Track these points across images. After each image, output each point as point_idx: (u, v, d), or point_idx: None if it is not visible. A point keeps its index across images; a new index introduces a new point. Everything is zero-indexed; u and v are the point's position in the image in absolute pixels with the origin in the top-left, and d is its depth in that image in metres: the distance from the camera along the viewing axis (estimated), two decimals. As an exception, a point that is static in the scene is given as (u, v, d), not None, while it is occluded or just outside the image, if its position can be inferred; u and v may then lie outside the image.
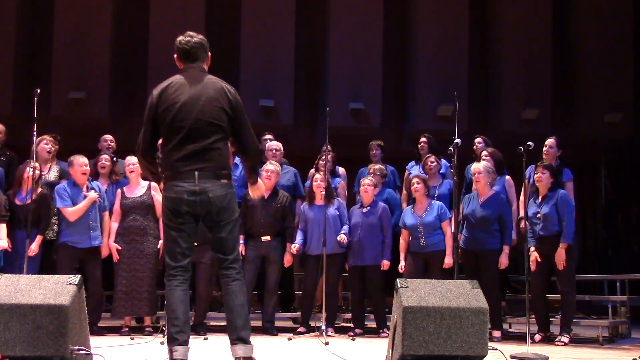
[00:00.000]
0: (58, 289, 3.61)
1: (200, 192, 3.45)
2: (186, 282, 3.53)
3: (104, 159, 6.66)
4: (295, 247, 6.41)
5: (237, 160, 6.33)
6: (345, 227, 6.41)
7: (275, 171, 6.49)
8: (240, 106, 3.62)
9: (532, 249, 5.81)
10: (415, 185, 6.34)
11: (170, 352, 3.41)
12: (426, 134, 7.38)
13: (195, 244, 3.71)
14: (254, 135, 3.68)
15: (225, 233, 3.55)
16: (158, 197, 6.23)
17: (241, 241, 6.08)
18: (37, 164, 5.92)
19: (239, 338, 3.47)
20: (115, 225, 6.23)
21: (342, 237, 6.33)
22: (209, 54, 3.72)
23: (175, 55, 3.68)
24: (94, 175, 6.56)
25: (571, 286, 5.89)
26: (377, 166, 6.95)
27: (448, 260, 6.13)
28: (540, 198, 5.96)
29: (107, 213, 6.21)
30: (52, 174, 6.47)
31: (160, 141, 3.64)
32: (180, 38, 3.66)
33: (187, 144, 3.47)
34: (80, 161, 6.10)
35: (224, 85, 3.60)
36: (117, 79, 9.67)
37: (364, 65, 9.69)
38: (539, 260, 5.83)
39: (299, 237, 6.48)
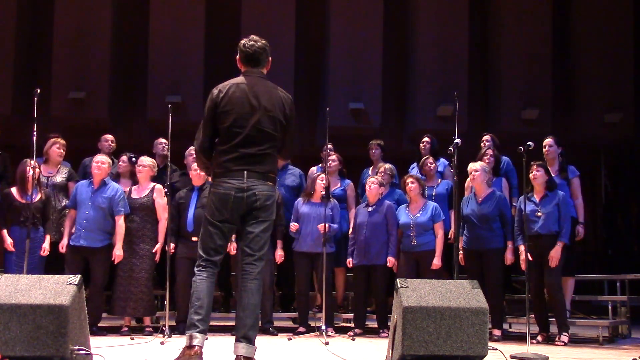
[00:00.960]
0: (58, 289, 3.60)
1: (248, 189, 3.61)
2: (214, 277, 3.66)
3: (122, 160, 6.70)
4: (294, 225, 6.36)
5: None
6: (335, 226, 6.37)
7: None
8: (293, 116, 3.81)
9: (523, 248, 5.79)
10: (410, 185, 6.34)
11: (190, 338, 3.48)
12: (429, 134, 7.35)
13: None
14: (294, 143, 3.91)
15: (260, 230, 3.66)
16: (160, 200, 6.23)
17: (232, 240, 6.05)
18: (35, 163, 5.92)
19: (245, 337, 3.52)
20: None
21: (324, 225, 6.06)
22: (270, 58, 3.84)
23: (237, 57, 3.81)
24: (117, 176, 6.62)
25: (559, 284, 5.89)
26: (388, 165, 6.91)
27: (437, 262, 6.13)
28: (537, 197, 5.95)
29: (121, 217, 6.04)
30: (59, 176, 6.47)
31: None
32: (245, 41, 3.80)
33: (241, 147, 3.63)
34: (97, 158, 6.17)
35: (282, 95, 3.77)
36: (117, 79, 9.67)
37: (364, 65, 9.69)
38: (531, 259, 5.78)
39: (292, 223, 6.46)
